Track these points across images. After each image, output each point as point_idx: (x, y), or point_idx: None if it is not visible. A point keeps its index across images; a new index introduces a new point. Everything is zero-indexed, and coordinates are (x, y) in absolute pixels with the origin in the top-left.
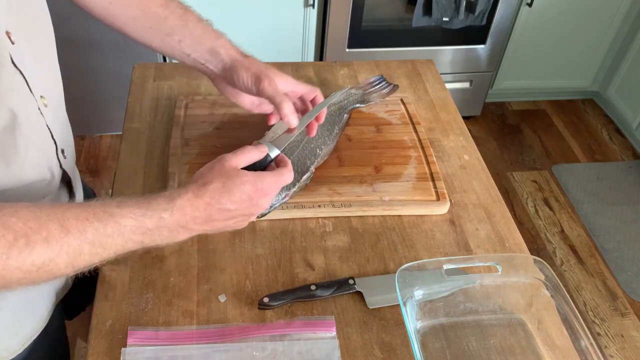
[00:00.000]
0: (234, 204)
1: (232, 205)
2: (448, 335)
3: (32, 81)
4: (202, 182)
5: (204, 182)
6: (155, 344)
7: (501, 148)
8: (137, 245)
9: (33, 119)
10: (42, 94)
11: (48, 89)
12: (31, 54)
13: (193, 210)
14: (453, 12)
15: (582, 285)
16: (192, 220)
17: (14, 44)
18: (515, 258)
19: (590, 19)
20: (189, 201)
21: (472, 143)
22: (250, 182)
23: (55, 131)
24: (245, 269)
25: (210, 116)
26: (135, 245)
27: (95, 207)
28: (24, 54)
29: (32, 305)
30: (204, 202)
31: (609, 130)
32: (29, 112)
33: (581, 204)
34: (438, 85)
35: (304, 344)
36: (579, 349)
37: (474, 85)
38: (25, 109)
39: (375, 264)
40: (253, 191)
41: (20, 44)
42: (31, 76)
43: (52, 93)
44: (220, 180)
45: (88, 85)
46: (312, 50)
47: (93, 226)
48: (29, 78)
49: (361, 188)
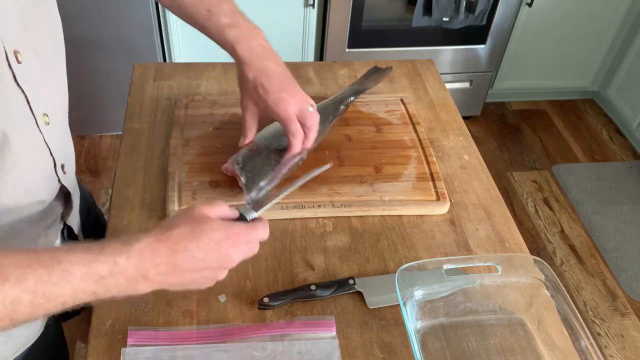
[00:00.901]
0: (201, 251)
1: (199, 253)
2: (448, 335)
3: (35, 99)
4: (167, 226)
5: (169, 226)
6: (155, 344)
7: (501, 148)
8: (89, 296)
9: (27, 138)
10: (46, 112)
11: (53, 106)
12: (39, 71)
13: (154, 256)
14: (453, 12)
15: (582, 285)
16: (153, 267)
17: (20, 63)
18: (515, 258)
19: (590, 19)
20: (148, 245)
21: (472, 143)
22: (221, 229)
23: (55, 147)
24: (245, 269)
25: (210, 116)
26: (86, 296)
27: (40, 253)
28: (31, 72)
29: None
30: (167, 247)
31: (609, 130)
32: (24, 130)
33: (581, 204)
34: (438, 85)
35: (304, 344)
36: (579, 349)
37: (474, 85)
38: (19, 127)
39: (375, 264)
40: (223, 239)
41: (29, 61)
42: (35, 94)
43: (56, 109)
44: (188, 226)
45: (88, 85)
46: (312, 50)
47: (36, 274)
48: (32, 96)
49: (361, 188)
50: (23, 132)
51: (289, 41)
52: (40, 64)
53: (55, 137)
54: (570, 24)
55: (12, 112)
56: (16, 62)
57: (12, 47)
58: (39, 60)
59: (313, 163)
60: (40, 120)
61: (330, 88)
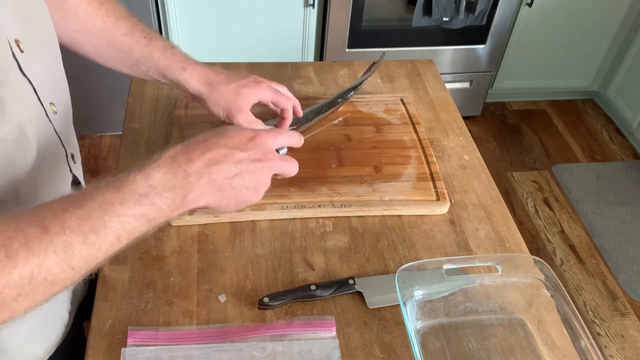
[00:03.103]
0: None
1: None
2: (448, 335)
3: (41, 89)
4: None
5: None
6: (155, 344)
7: (501, 148)
8: (140, 221)
9: (42, 129)
10: (52, 101)
11: (57, 95)
12: (39, 62)
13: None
14: (453, 12)
15: (582, 285)
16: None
17: (23, 52)
18: (515, 258)
19: (590, 19)
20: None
21: (472, 143)
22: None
23: (65, 137)
24: (245, 269)
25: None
26: (137, 221)
27: (72, 196)
28: (32, 62)
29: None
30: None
31: (609, 130)
32: (38, 121)
33: (581, 204)
34: (438, 85)
35: (304, 344)
36: (579, 349)
37: (474, 85)
38: (34, 119)
39: (375, 264)
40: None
41: (29, 51)
42: (40, 84)
43: (60, 99)
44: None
45: (88, 85)
46: (312, 50)
47: (74, 215)
48: (38, 86)
49: (361, 188)
50: (36, 122)
51: (289, 41)
52: (38, 55)
53: (63, 127)
54: (570, 24)
55: (24, 102)
56: (19, 51)
57: (13, 37)
58: (37, 49)
59: (313, 163)
60: (49, 109)
61: (330, 88)
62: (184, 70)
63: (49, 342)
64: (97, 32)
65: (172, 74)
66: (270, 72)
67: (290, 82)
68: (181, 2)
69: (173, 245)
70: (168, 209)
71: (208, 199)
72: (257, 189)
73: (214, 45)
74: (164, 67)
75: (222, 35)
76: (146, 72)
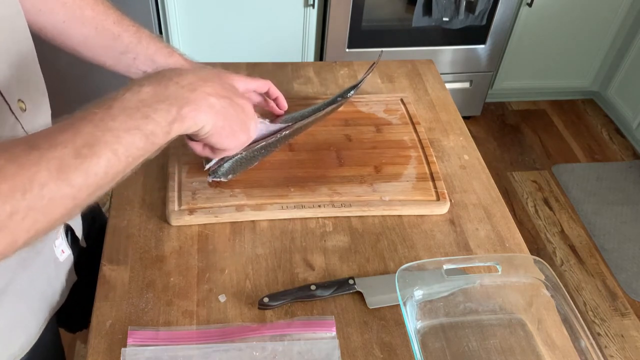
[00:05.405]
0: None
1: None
2: (448, 335)
3: (6, 86)
4: None
5: None
6: (155, 344)
7: (501, 148)
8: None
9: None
10: (20, 97)
11: (27, 92)
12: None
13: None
14: (453, 12)
15: (582, 285)
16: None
17: None
18: (515, 258)
19: (590, 19)
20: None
21: (472, 143)
22: None
23: None
24: (245, 269)
25: None
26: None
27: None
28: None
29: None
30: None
31: (609, 130)
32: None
33: (581, 204)
34: (438, 85)
35: (304, 344)
36: (579, 349)
37: (474, 85)
38: None
39: (375, 264)
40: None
41: None
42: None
43: (31, 95)
44: None
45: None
46: (312, 50)
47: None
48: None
49: (361, 188)
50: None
51: (289, 41)
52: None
53: (37, 126)
54: (570, 24)
55: None
56: None
57: None
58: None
59: (313, 163)
60: (15, 106)
61: (330, 88)
62: (171, 55)
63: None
64: (86, 20)
65: (161, 58)
66: (270, 72)
67: (290, 82)
68: (181, 2)
69: (173, 245)
70: (164, 122)
71: (205, 118)
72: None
73: (214, 45)
74: (153, 52)
75: (222, 35)
76: (133, 61)
